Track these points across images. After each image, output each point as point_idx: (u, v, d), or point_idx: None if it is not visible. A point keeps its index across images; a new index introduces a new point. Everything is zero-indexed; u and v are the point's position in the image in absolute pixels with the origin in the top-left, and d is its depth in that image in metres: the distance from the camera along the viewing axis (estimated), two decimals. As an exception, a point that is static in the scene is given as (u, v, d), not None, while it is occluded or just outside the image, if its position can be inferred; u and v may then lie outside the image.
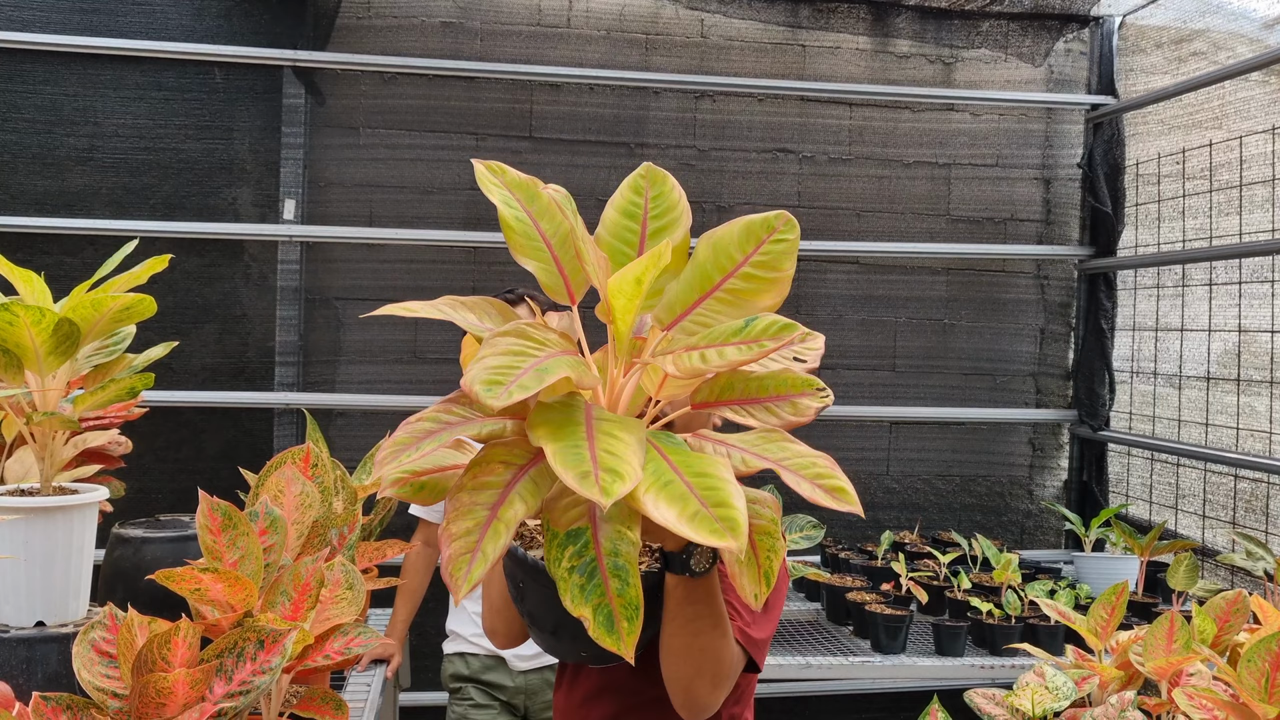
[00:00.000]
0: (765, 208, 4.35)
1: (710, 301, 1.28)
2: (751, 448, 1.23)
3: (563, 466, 1.04)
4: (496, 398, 1.02)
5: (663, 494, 1.09)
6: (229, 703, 1.35)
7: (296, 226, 4.19)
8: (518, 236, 1.32)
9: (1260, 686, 1.83)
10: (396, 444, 1.14)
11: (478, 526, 1.13)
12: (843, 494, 1.16)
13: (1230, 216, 4.05)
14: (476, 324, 1.27)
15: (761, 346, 1.19)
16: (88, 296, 1.96)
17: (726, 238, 1.28)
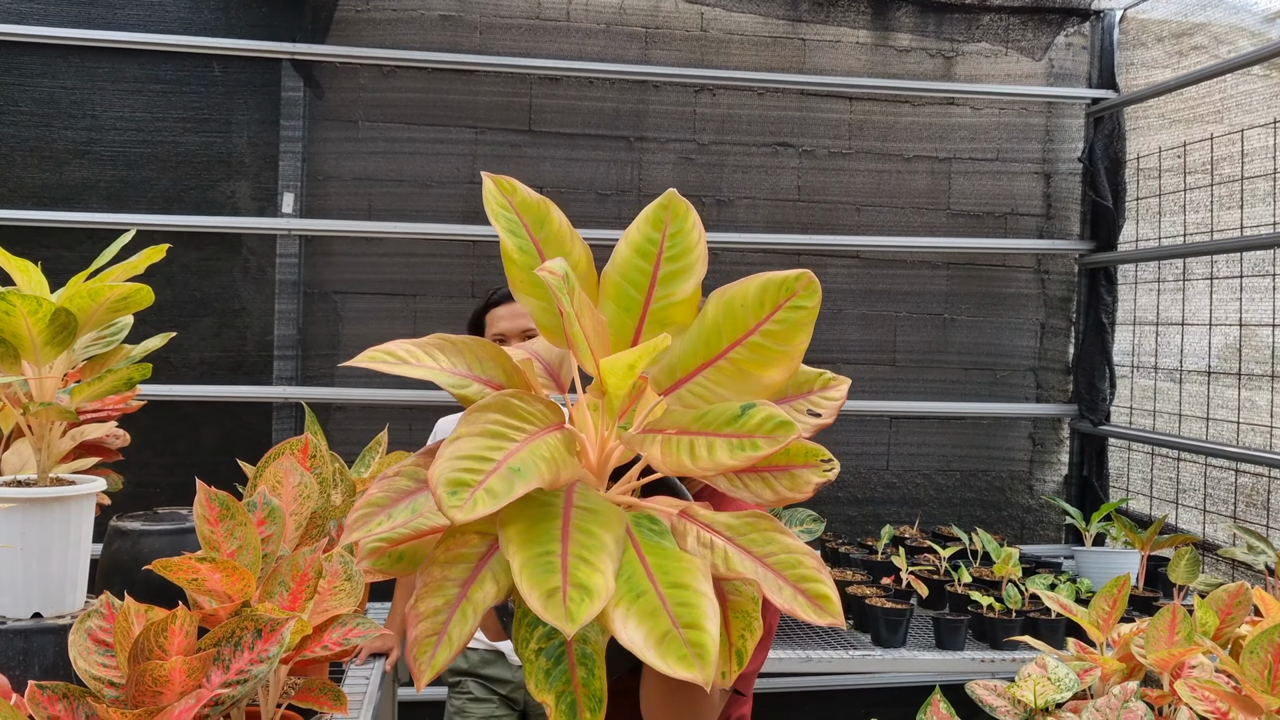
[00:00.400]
0: (765, 202, 4.36)
1: (712, 371, 1.17)
2: (737, 537, 1.14)
3: (529, 585, 0.96)
4: (459, 509, 0.93)
5: (633, 609, 1.00)
6: (226, 691, 1.34)
7: (295, 220, 4.18)
8: (519, 270, 1.20)
9: (1263, 677, 1.83)
10: (369, 505, 1.06)
11: (447, 606, 1.08)
12: (826, 603, 1.07)
13: (1231, 210, 4.04)
14: (457, 375, 1.14)
15: (755, 448, 1.07)
16: (85, 286, 1.95)
17: (739, 298, 1.16)
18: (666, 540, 1.10)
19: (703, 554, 1.10)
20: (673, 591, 1.02)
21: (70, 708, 1.32)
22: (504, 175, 1.20)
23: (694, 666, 0.96)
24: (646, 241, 1.20)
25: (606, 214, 4.50)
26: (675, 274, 1.20)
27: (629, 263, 1.20)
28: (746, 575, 1.08)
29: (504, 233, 1.18)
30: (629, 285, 1.20)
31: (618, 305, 1.20)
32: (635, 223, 1.21)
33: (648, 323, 1.20)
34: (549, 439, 1.06)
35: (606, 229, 4.42)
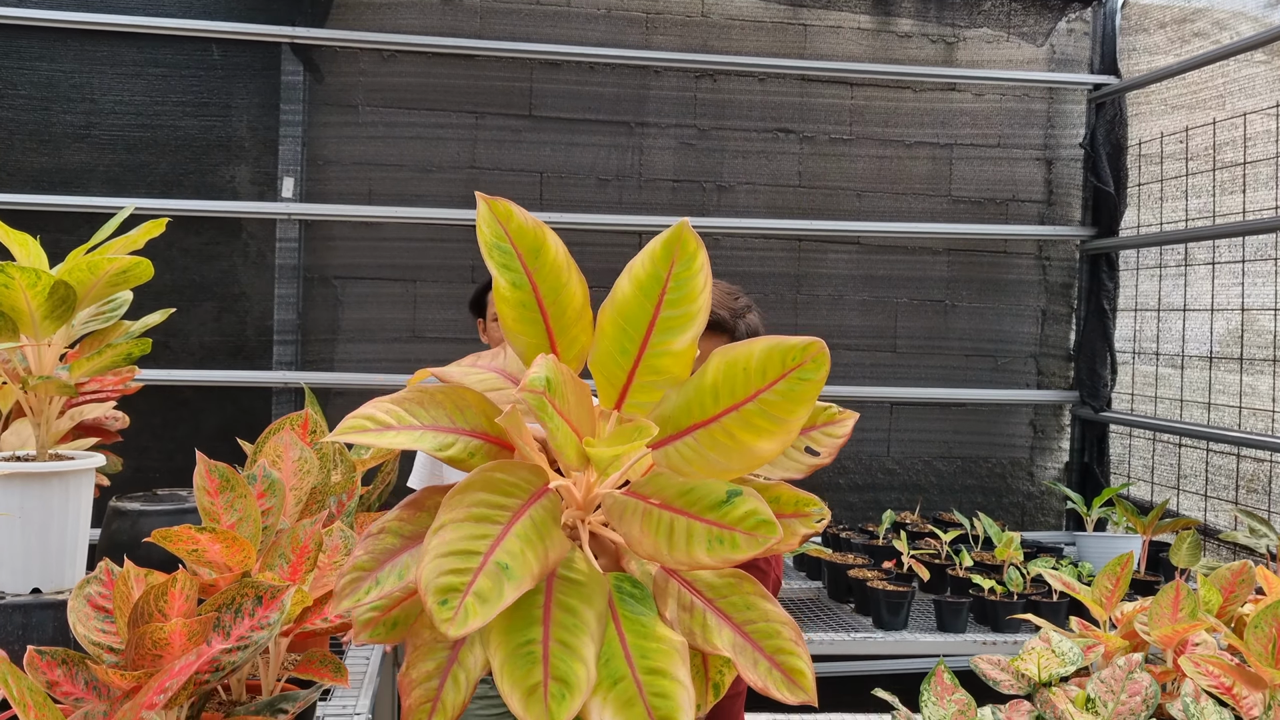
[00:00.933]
0: (766, 188, 4.34)
1: (704, 433, 1.12)
2: (718, 599, 1.13)
3: (510, 684, 0.95)
4: (452, 623, 0.90)
5: (610, 699, 0.99)
6: (227, 657, 1.33)
7: (295, 204, 4.17)
8: (511, 308, 1.14)
9: (1267, 652, 1.82)
10: (356, 569, 1.03)
11: (439, 670, 1.07)
12: (800, 678, 1.05)
13: (1233, 195, 4.03)
14: (440, 435, 1.09)
15: (734, 546, 1.03)
16: (84, 259, 1.94)
17: (742, 361, 1.09)
18: (648, 610, 1.08)
19: (682, 619, 1.10)
20: (650, 678, 1.01)
21: (69, 673, 1.31)
22: (499, 197, 1.13)
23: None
24: (650, 279, 1.13)
25: (607, 199, 4.49)
26: (675, 323, 1.14)
27: (629, 301, 1.14)
28: (723, 651, 1.07)
29: (497, 269, 1.13)
30: (627, 327, 1.14)
31: (614, 347, 1.14)
32: (641, 256, 1.14)
33: (641, 370, 1.14)
34: (534, 513, 1.03)
35: (607, 214, 4.41)
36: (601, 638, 1.01)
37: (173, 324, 4.19)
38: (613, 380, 1.15)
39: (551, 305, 1.15)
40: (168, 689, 1.05)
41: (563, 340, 1.17)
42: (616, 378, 1.15)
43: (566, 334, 1.16)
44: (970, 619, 3.28)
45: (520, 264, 1.14)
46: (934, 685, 1.63)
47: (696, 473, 1.11)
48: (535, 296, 1.14)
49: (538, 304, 1.15)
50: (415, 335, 4.35)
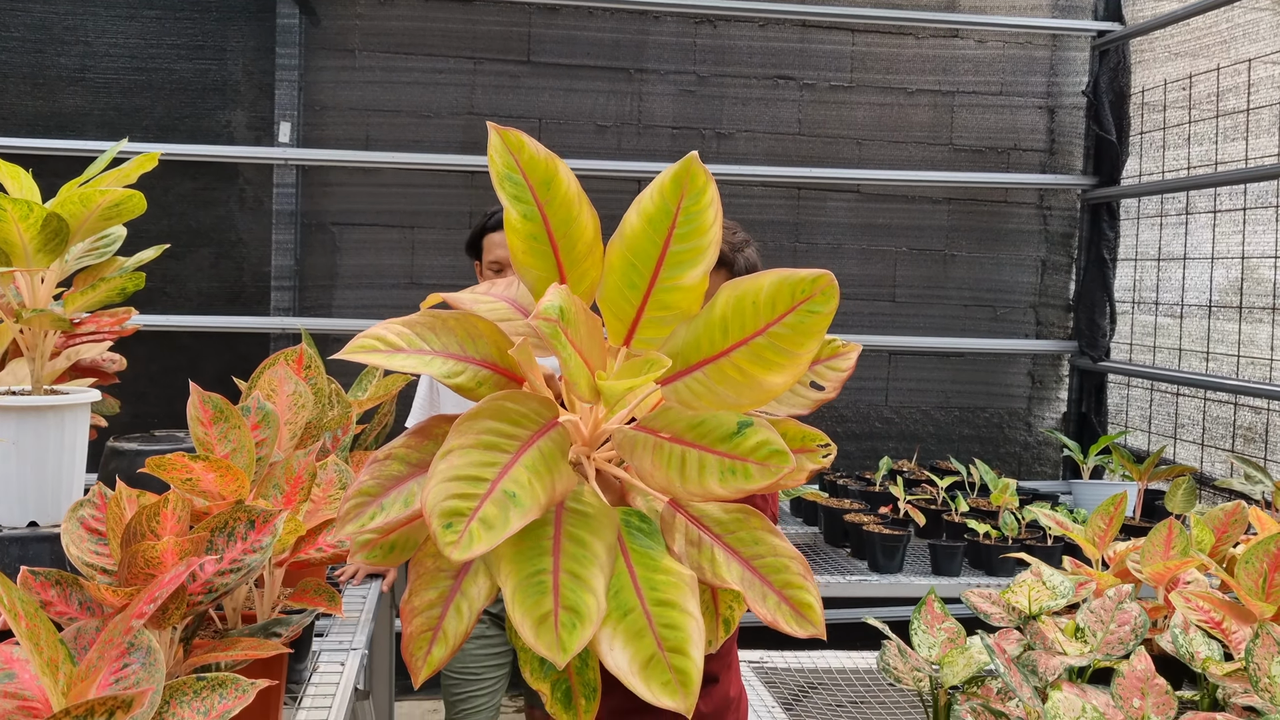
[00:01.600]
0: (765, 135, 4.31)
1: (713, 368, 1.10)
2: (726, 535, 1.12)
3: (522, 612, 0.94)
4: (455, 546, 0.89)
5: (620, 630, 0.98)
6: (219, 580, 1.34)
7: (292, 149, 4.14)
8: (521, 239, 1.12)
9: (1257, 586, 1.83)
10: (360, 494, 1.02)
11: (441, 599, 1.06)
12: (809, 612, 1.05)
13: (1236, 142, 4.00)
14: (449, 361, 1.07)
15: (746, 476, 1.01)
16: (77, 192, 1.93)
17: (751, 294, 1.08)
18: (656, 545, 1.08)
19: (690, 554, 1.09)
20: (660, 610, 1.01)
21: (63, 594, 1.32)
22: (511, 128, 1.11)
23: (677, 695, 0.96)
24: (659, 211, 1.10)
25: (606, 145, 4.46)
26: (684, 258, 1.12)
27: (638, 234, 1.12)
28: (731, 584, 1.06)
29: (509, 200, 1.11)
30: (636, 262, 1.12)
31: (623, 282, 1.12)
32: (650, 190, 1.11)
33: (650, 305, 1.13)
34: (543, 445, 1.02)
35: (606, 160, 4.38)
36: (611, 570, 1.01)
37: (170, 270, 4.18)
38: (621, 316, 1.14)
39: (562, 238, 1.13)
40: (158, 598, 1.05)
41: (573, 274, 1.15)
42: (625, 313, 1.13)
43: (577, 267, 1.15)
44: (965, 563, 3.30)
45: (531, 195, 1.12)
46: (924, 614, 1.64)
47: (706, 407, 1.10)
48: (546, 229, 1.12)
49: (548, 236, 1.13)
50: (413, 281, 4.34)
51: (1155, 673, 1.51)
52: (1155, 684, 1.49)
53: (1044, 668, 1.56)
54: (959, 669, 1.52)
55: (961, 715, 1.46)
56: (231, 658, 1.32)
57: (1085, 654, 1.60)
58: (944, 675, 1.53)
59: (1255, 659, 1.53)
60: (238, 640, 1.37)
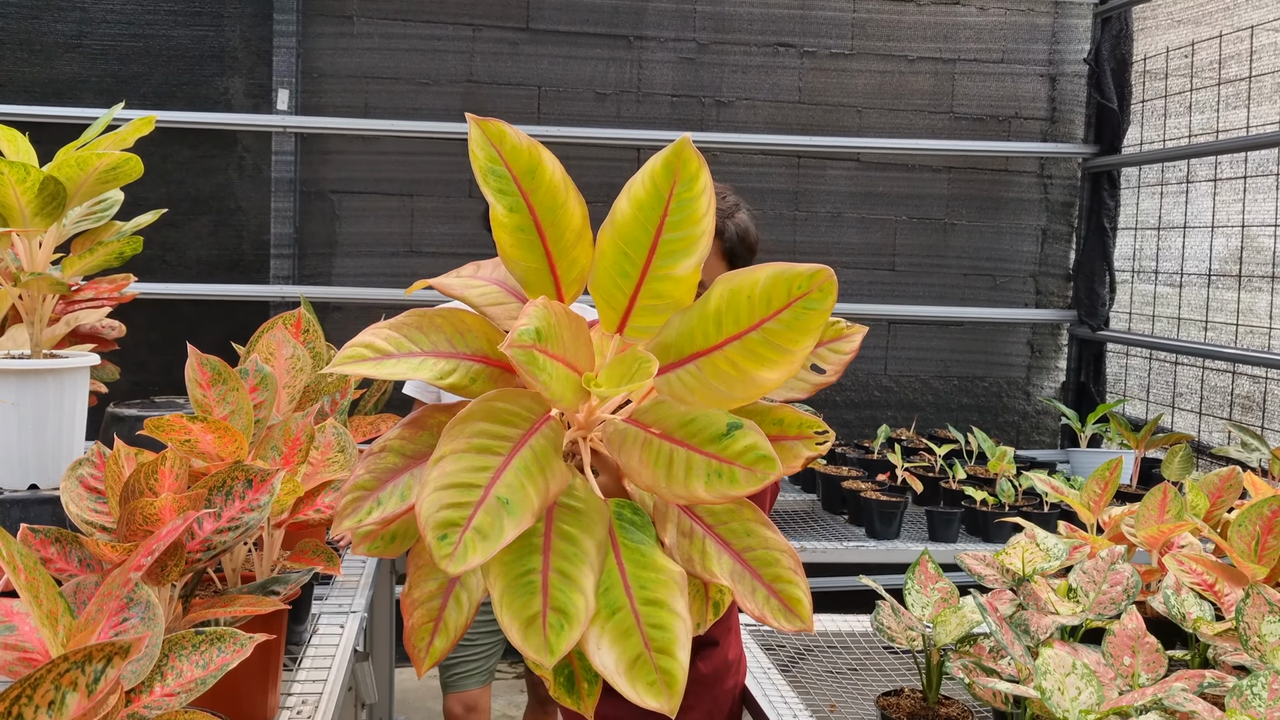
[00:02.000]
0: (765, 103, 4.28)
1: (706, 362, 1.09)
2: (718, 525, 1.11)
3: (510, 614, 0.95)
4: (450, 559, 0.89)
5: (608, 629, 0.99)
6: (218, 537, 1.35)
7: (290, 117, 4.13)
8: (508, 233, 1.09)
9: (1250, 549, 1.84)
10: (357, 488, 1.02)
11: (440, 590, 1.06)
12: (798, 607, 1.05)
13: (1237, 110, 3.98)
14: (440, 362, 1.07)
15: (732, 481, 0.98)
16: (74, 155, 1.93)
17: (746, 289, 1.06)
18: (647, 538, 1.07)
19: (681, 545, 1.09)
20: (648, 609, 1.01)
21: (63, 551, 1.33)
22: (490, 118, 1.07)
23: (661, 695, 0.97)
24: (652, 200, 1.08)
25: (605, 113, 4.44)
26: (677, 247, 1.10)
27: (630, 221, 1.09)
28: (721, 579, 1.06)
29: (493, 194, 1.08)
30: (628, 250, 1.10)
31: (615, 270, 1.10)
32: (641, 176, 1.09)
33: (643, 294, 1.11)
34: (535, 443, 1.02)
35: (605, 128, 4.37)
36: (601, 567, 1.01)
37: (169, 238, 4.18)
38: (614, 304, 1.12)
39: (550, 227, 1.11)
40: (155, 550, 1.06)
41: (562, 263, 1.13)
42: (618, 301, 1.12)
43: (566, 256, 1.13)
44: (961, 529, 3.32)
45: (516, 187, 1.09)
46: (918, 574, 1.65)
47: (698, 401, 1.09)
48: (533, 219, 1.10)
49: (535, 227, 1.11)
50: (413, 250, 4.33)
51: (1146, 631, 1.52)
52: (1146, 642, 1.50)
53: (1036, 627, 1.57)
54: (952, 628, 1.54)
55: (953, 672, 1.47)
56: (230, 614, 1.33)
57: (1077, 614, 1.61)
58: (937, 634, 1.55)
59: (1246, 618, 1.54)
60: (236, 597, 1.38)
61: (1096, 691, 1.29)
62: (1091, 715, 1.27)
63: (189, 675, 1.14)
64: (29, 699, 0.83)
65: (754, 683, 1.97)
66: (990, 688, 1.39)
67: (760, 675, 2.03)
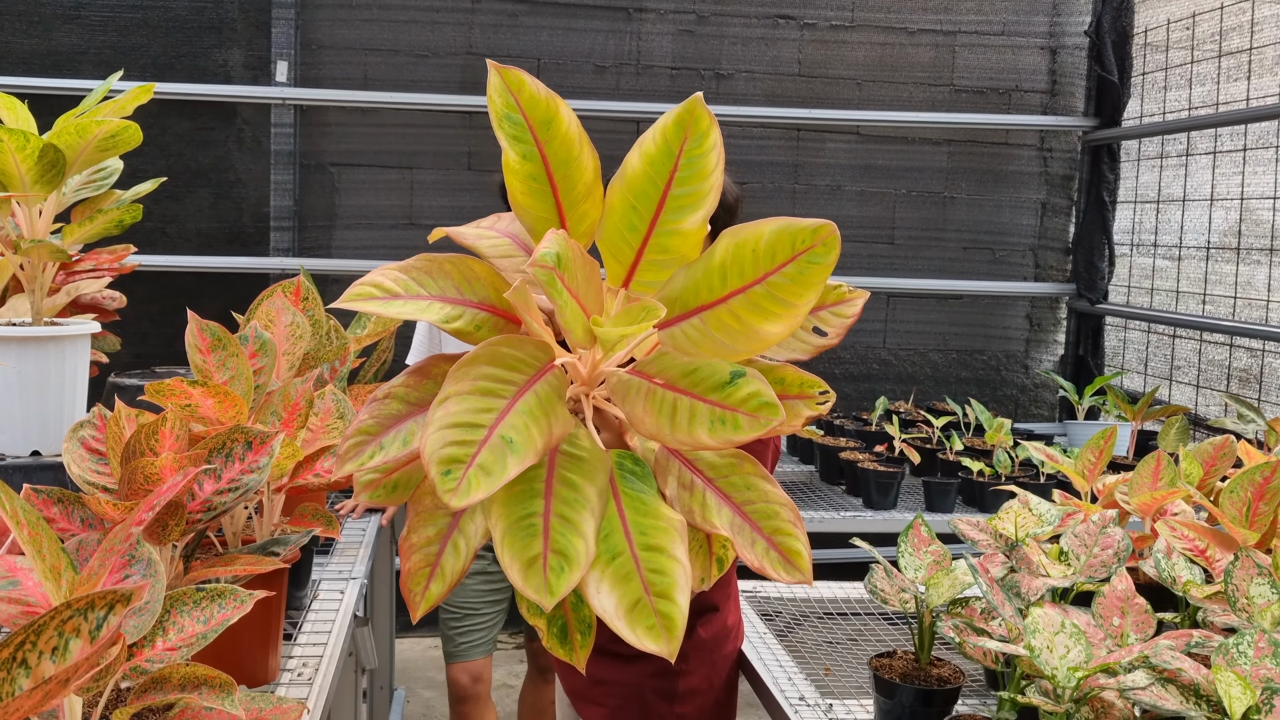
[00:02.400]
0: (765, 76, 4.27)
1: (710, 315, 1.09)
2: (718, 479, 1.12)
3: (510, 555, 0.95)
4: (454, 493, 0.90)
5: (607, 574, 0.99)
6: (218, 499, 1.36)
7: (289, 89, 4.12)
8: (520, 180, 1.10)
9: (1241, 515, 1.86)
10: (360, 433, 1.03)
11: (439, 536, 1.07)
12: (797, 559, 1.05)
13: (1238, 83, 3.97)
14: (447, 306, 1.08)
15: (735, 426, 0.99)
16: (73, 123, 1.93)
17: (751, 242, 1.06)
18: (648, 488, 1.08)
19: (682, 497, 1.10)
20: (648, 555, 1.02)
21: (65, 511, 1.34)
22: (511, 66, 1.08)
23: (661, 639, 0.97)
24: (662, 155, 1.09)
25: (605, 85, 4.43)
26: (685, 202, 1.11)
27: (639, 176, 1.10)
28: (721, 530, 1.07)
29: (508, 140, 1.09)
30: (636, 204, 1.11)
31: (622, 224, 1.11)
32: (652, 132, 1.10)
33: (649, 249, 1.12)
34: (539, 389, 1.02)
35: (604, 100, 4.37)
36: (602, 513, 1.02)
37: (169, 211, 4.18)
38: (620, 258, 1.13)
39: (562, 179, 1.12)
40: (156, 505, 1.08)
41: (572, 215, 1.14)
42: (624, 255, 1.13)
43: (576, 209, 1.14)
44: (958, 500, 3.34)
45: (531, 135, 1.10)
46: (911, 537, 1.67)
47: (702, 354, 1.10)
48: (545, 169, 1.11)
49: (548, 177, 1.12)
50: (412, 222, 4.34)
51: (1135, 592, 1.54)
52: (1135, 603, 1.52)
53: (1027, 589, 1.59)
54: (944, 590, 1.55)
55: (944, 632, 1.49)
56: (231, 573, 1.35)
57: (1068, 576, 1.63)
58: (929, 596, 1.57)
59: (1234, 580, 1.56)
60: (237, 557, 1.40)
61: (1085, 650, 1.31)
62: (1079, 672, 1.29)
63: (190, 630, 1.16)
64: (33, 645, 0.85)
65: (750, 648, 2.00)
66: (981, 647, 1.41)
67: (757, 640, 2.05)
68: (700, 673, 1.87)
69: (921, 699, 1.55)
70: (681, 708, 1.85)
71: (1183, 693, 1.31)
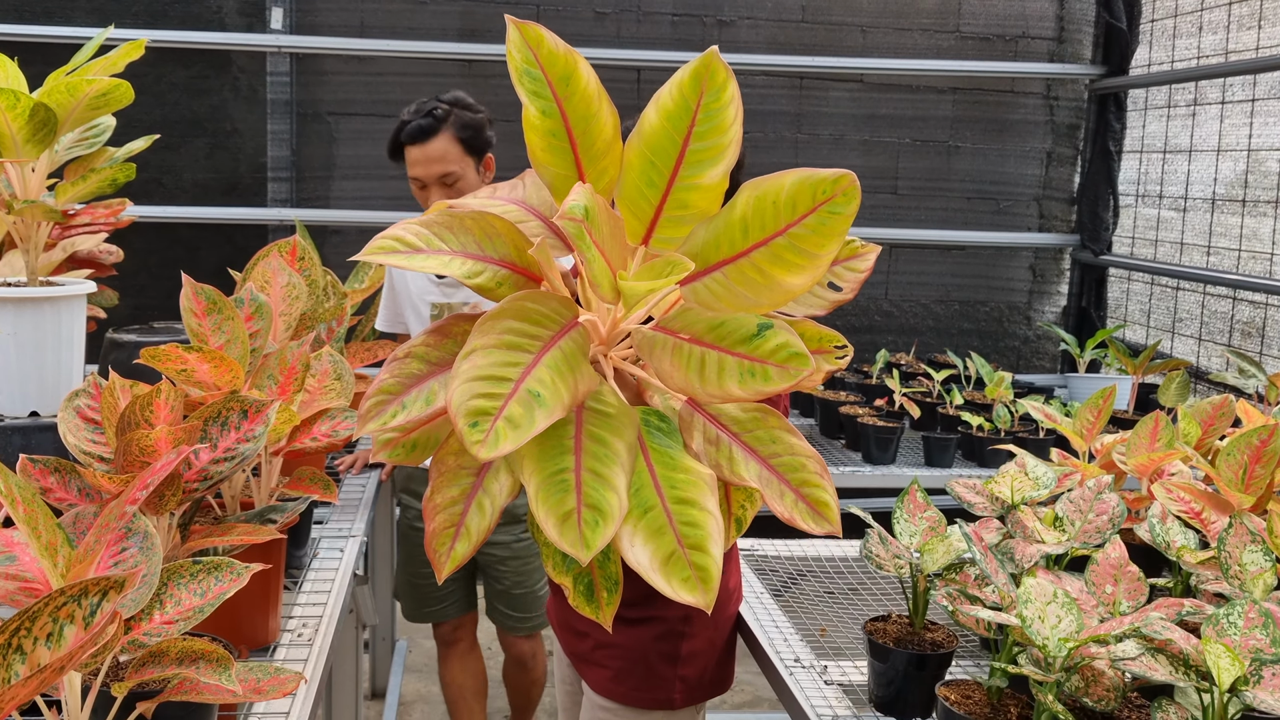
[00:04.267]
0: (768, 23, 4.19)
1: (732, 269, 1.09)
2: (743, 433, 1.11)
3: (546, 509, 0.96)
4: (483, 444, 0.90)
5: (640, 526, 1.00)
6: (214, 468, 1.36)
7: (285, 36, 4.07)
8: (540, 136, 1.09)
9: (1238, 478, 1.86)
10: (381, 392, 1.02)
11: (463, 496, 1.07)
12: (825, 510, 1.06)
13: (1250, 31, 3.91)
14: (469, 261, 1.07)
15: (765, 378, 1.00)
16: (63, 81, 1.91)
17: (771, 194, 1.06)
18: (675, 443, 1.09)
19: (708, 452, 1.10)
20: (679, 508, 1.02)
21: (62, 480, 1.35)
22: (530, 21, 1.07)
23: (697, 590, 0.98)
24: (680, 110, 1.08)
25: (605, 33, 4.37)
26: (704, 156, 1.10)
27: (657, 132, 1.09)
28: (750, 482, 1.07)
29: (527, 96, 1.09)
30: (655, 160, 1.10)
31: (641, 180, 1.10)
32: (669, 86, 1.09)
33: (669, 204, 1.12)
34: (564, 344, 1.03)
35: (605, 48, 4.31)
36: (632, 468, 1.02)
37: (165, 161, 4.15)
38: (640, 215, 1.13)
39: (581, 135, 1.12)
40: (150, 484, 1.08)
41: (592, 171, 1.14)
42: (644, 212, 1.13)
43: (596, 165, 1.14)
44: (958, 455, 3.34)
45: (550, 91, 1.10)
46: (906, 503, 1.67)
47: (725, 308, 1.10)
48: (565, 125, 1.11)
49: (567, 134, 1.11)
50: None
51: (1128, 560, 1.55)
52: (1128, 571, 1.53)
53: (1021, 555, 1.60)
54: (938, 556, 1.56)
55: (938, 600, 1.50)
56: (228, 542, 1.35)
57: (1062, 542, 1.63)
58: (924, 562, 1.57)
59: (1228, 547, 1.56)
60: (234, 526, 1.41)
61: (1076, 620, 1.32)
62: (1070, 643, 1.30)
63: (187, 603, 1.17)
64: (28, 631, 0.85)
65: (747, 609, 2.01)
66: (973, 615, 1.42)
67: (753, 599, 2.07)
68: (703, 635, 1.89)
69: (915, 663, 1.56)
70: (685, 669, 1.87)
71: (1172, 662, 1.32)
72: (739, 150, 1.11)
